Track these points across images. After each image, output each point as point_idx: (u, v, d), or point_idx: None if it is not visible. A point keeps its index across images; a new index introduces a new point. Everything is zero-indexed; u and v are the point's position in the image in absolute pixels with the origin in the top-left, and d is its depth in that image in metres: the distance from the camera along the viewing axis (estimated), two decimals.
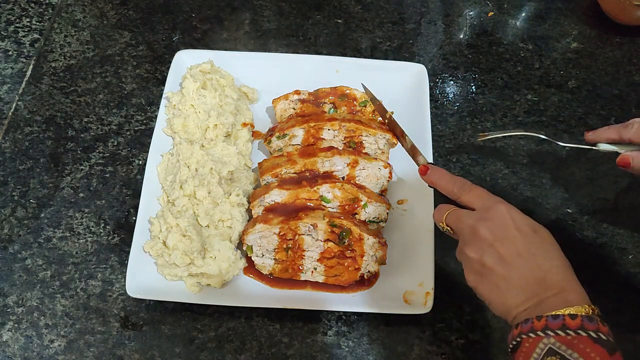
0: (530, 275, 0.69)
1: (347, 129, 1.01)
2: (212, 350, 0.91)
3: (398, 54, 1.21)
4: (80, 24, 1.23)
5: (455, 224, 0.78)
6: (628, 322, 0.94)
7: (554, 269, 0.70)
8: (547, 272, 0.69)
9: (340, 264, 0.92)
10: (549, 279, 0.69)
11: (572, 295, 0.67)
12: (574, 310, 0.65)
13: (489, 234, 0.72)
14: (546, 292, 0.68)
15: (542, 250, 0.71)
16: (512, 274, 0.70)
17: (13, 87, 1.15)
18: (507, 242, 0.71)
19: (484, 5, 1.28)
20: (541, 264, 0.70)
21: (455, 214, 0.78)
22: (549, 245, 0.71)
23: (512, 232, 0.71)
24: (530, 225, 0.73)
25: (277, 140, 1.02)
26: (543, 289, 0.69)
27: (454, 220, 0.78)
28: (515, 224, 0.72)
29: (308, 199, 0.95)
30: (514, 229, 0.72)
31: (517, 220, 0.72)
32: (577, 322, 0.64)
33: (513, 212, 0.73)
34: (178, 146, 1.01)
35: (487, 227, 0.73)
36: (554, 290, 0.68)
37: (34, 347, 0.91)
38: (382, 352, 0.91)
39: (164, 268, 0.92)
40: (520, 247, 0.71)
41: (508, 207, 0.74)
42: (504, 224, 0.72)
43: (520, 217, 0.73)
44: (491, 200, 0.76)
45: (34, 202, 1.03)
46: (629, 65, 1.20)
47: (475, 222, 0.74)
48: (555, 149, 1.09)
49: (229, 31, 1.24)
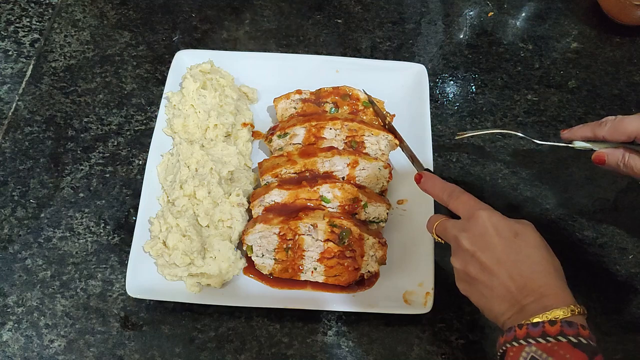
0: (511, 283, 0.70)
1: (350, 129, 1.01)
2: (212, 350, 0.91)
3: (398, 54, 1.21)
4: (80, 24, 1.23)
5: (443, 234, 0.80)
6: (628, 322, 0.94)
7: (535, 274, 0.70)
8: (528, 278, 0.70)
9: (340, 264, 0.92)
10: (530, 285, 0.69)
11: (551, 300, 0.68)
12: (552, 315, 0.66)
13: (470, 244, 0.73)
14: (526, 299, 0.69)
15: (523, 255, 0.71)
16: (495, 282, 0.71)
17: (13, 87, 1.15)
18: (487, 250, 0.72)
19: (484, 5, 1.28)
20: (522, 270, 0.70)
21: (442, 224, 0.80)
22: (531, 249, 0.71)
23: (493, 239, 0.72)
24: (512, 229, 0.73)
25: (278, 139, 1.02)
26: (524, 296, 0.69)
27: (441, 231, 0.80)
28: (496, 231, 0.72)
29: (308, 199, 0.95)
30: (494, 236, 0.72)
31: (498, 226, 0.73)
32: (557, 328, 0.64)
33: (494, 218, 0.73)
34: (178, 146, 1.01)
35: (467, 237, 0.74)
36: (533, 297, 0.69)
37: (34, 347, 0.91)
38: (382, 352, 0.91)
39: (164, 268, 0.92)
40: (501, 255, 0.71)
41: (489, 213, 0.74)
42: (485, 232, 0.73)
43: (501, 222, 0.73)
44: (474, 207, 0.76)
45: (34, 202, 1.03)
46: (629, 65, 1.20)
47: (458, 233, 0.75)
48: (555, 148, 1.09)
49: (229, 31, 1.23)
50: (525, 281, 0.69)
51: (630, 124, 0.81)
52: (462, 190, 0.80)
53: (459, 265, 0.75)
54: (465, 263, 0.74)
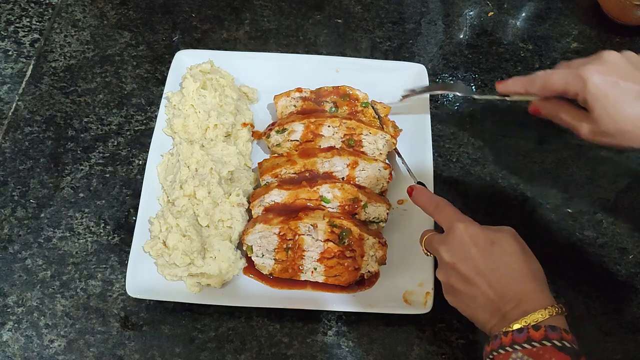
0: (491, 291, 0.72)
1: (348, 127, 1.01)
2: (212, 350, 0.91)
3: (398, 54, 1.21)
4: (80, 24, 1.23)
5: (429, 248, 0.82)
6: (628, 322, 0.94)
7: (512, 281, 0.71)
8: (506, 285, 0.71)
9: (340, 264, 0.92)
10: (508, 292, 0.71)
11: (529, 304, 0.69)
12: (531, 318, 0.67)
13: (450, 256, 0.76)
14: (506, 306, 0.71)
15: (500, 263, 0.73)
16: (476, 292, 0.73)
17: (13, 87, 1.15)
18: (466, 261, 0.74)
19: (484, 5, 1.28)
20: (500, 278, 0.72)
21: (428, 239, 0.82)
22: (507, 256, 0.73)
23: (471, 250, 0.74)
24: (488, 238, 0.74)
25: (276, 134, 1.02)
26: (504, 303, 0.71)
27: (427, 245, 0.83)
28: (473, 241, 0.74)
29: (308, 199, 0.95)
30: (472, 246, 0.74)
31: (474, 237, 0.74)
32: (541, 333, 0.66)
33: (470, 229, 0.75)
34: (178, 146, 1.01)
35: (447, 250, 0.76)
36: (513, 303, 0.70)
37: (34, 347, 0.91)
38: (382, 352, 0.91)
39: (164, 268, 0.92)
40: (479, 264, 0.73)
41: (466, 224, 0.76)
42: (462, 243, 0.75)
43: (478, 232, 0.75)
44: (452, 220, 0.78)
45: (34, 202, 1.03)
46: None
47: (438, 246, 0.78)
48: (555, 148, 1.09)
49: (229, 31, 1.24)
50: (503, 288, 0.71)
51: (557, 80, 0.80)
52: (448, 203, 0.82)
53: (442, 278, 0.78)
54: (447, 275, 0.77)
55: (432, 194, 0.86)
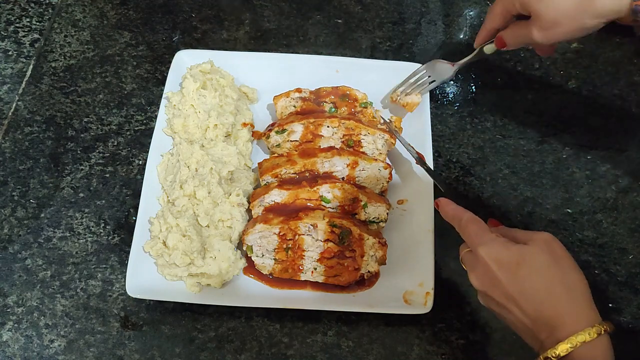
0: (525, 318, 0.69)
1: (347, 127, 1.01)
2: (212, 350, 0.91)
3: (398, 54, 1.21)
4: (80, 24, 1.23)
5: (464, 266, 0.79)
6: (628, 322, 0.94)
7: (544, 304, 0.68)
8: (538, 309, 0.68)
9: (340, 264, 0.92)
10: (541, 317, 0.68)
11: (563, 331, 0.66)
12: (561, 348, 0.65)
13: (479, 284, 0.74)
14: (541, 335, 0.68)
15: (528, 285, 0.69)
16: (512, 317, 0.71)
17: (13, 87, 1.15)
18: (495, 288, 0.72)
19: (484, 5, 1.28)
20: (531, 301, 0.69)
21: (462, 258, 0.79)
22: (534, 276, 0.69)
23: (497, 275, 0.71)
24: (514, 258, 0.71)
25: (275, 135, 1.02)
26: (538, 331, 0.69)
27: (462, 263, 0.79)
28: (498, 265, 0.71)
29: (308, 199, 0.95)
30: (497, 271, 0.71)
31: (498, 260, 0.71)
32: None
33: (493, 252, 0.72)
34: (178, 146, 1.01)
35: (475, 278, 0.74)
36: (547, 330, 0.68)
37: (34, 347, 0.91)
38: (382, 352, 0.91)
39: (164, 268, 0.92)
40: (508, 290, 0.70)
41: (488, 247, 0.73)
42: (487, 269, 0.72)
43: (501, 253, 0.72)
44: (474, 243, 0.75)
45: (34, 202, 1.03)
46: (629, 65, 1.20)
47: (468, 273, 0.76)
48: (555, 148, 1.09)
49: (229, 31, 1.24)
50: (536, 314, 0.68)
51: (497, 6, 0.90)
52: (471, 219, 0.79)
53: (483, 303, 0.76)
54: (485, 301, 0.75)
55: (457, 208, 0.82)
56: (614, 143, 1.10)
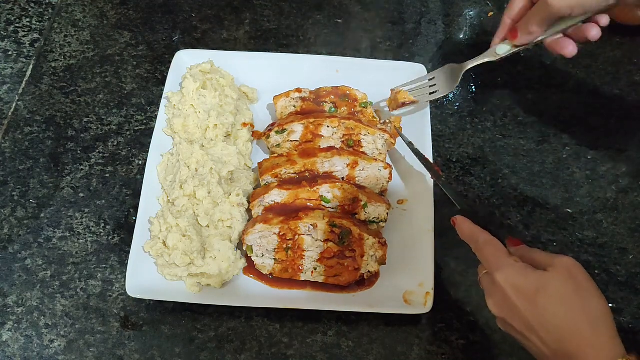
0: (545, 348, 0.68)
1: (347, 127, 1.01)
2: (212, 350, 0.91)
3: (398, 54, 1.21)
4: (80, 24, 1.23)
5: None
6: (628, 322, 0.94)
7: (565, 335, 0.66)
8: (559, 340, 0.66)
9: (340, 264, 0.92)
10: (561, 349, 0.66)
11: None
12: None
13: (498, 311, 0.72)
14: None
15: (548, 315, 0.67)
16: (532, 346, 0.70)
17: (13, 87, 1.15)
18: (514, 316, 0.70)
19: (484, 5, 1.28)
20: (551, 332, 0.67)
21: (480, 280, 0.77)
22: (555, 305, 0.67)
23: (515, 303, 0.69)
24: (533, 285, 0.68)
25: (275, 135, 1.02)
26: None
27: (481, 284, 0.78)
28: (516, 293, 0.69)
29: (308, 199, 0.95)
30: (515, 299, 0.69)
31: (516, 287, 0.69)
32: None
33: (511, 278, 0.70)
34: (178, 146, 1.01)
35: (493, 305, 0.73)
36: None
37: (34, 347, 0.91)
38: (382, 352, 0.91)
39: (164, 268, 0.92)
40: (527, 320, 0.68)
41: (506, 273, 0.71)
42: (505, 297, 0.70)
43: (519, 280, 0.69)
44: (491, 268, 0.73)
45: (34, 202, 1.03)
46: (629, 65, 1.20)
47: (486, 298, 0.74)
48: (555, 148, 1.09)
49: (229, 31, 1.24)
50: (556, 345, 0.66)
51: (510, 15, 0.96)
52: (488, 240, 0.77)
53: (502, 327, 0.74)
54: (505, 327, 0.73)
55: (474, 228, 0.79)
56: (614, 143, 1.10)
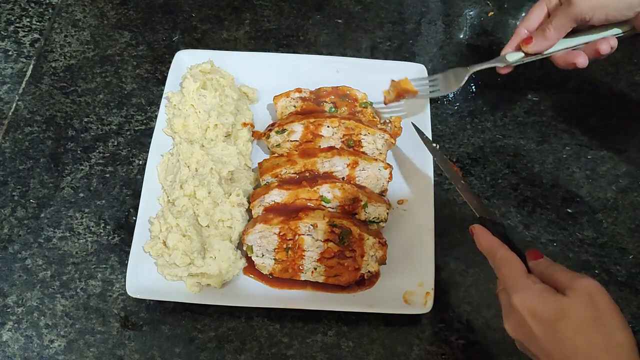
0: None
1: (347, 127, 1.01)
2: (212, 350, 0.91)
3: (398, 54, 1.21)
4: (80, 24, 1.23)
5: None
6: (628, 322, 0.94)
7: None
8: None
9: (340, 264, 0.92)
10: None
11: None
12: None
13: (515, 334, 0.70)
14: None
15: (568, 345, 0.64)
16: None
17: (13, 87, 1.15)
18: (531, 342, 0.67)
19: (484, 5, 1.28)
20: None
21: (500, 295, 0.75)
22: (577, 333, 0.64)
23: (533, 328, 0.66)
24: (552, 311, 0.66)
25: (275, 135, 1.02)
26: None
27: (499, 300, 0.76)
28: (534, 318, 0.66)
29: (308, 199, 0.95)
30: (533, 324, 0.66)
31: (534, 312, 0.67)
32: None
33: (529, 302, 0.67)
34: (178, 146, 1.01)
35: (510, 328, 0.70)
36: None
37: (34, 347, 0.91)
38: (382, 352, 0.91)
39: (164, 268, 0.92)
40: (546, 347, 0.65)
41: (523, 298, 0.68)
42: (522, 321, 0.67)
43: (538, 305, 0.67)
44: (509, 289, 0.70)
45: (34, 202, 1.03)
46: (629, 65, 1.20)
47: (503, 319, 0.72)
48: (555, 148, 1.09)
49: (229, 31, 1.24)
50: None
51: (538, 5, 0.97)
52: (504, 257, 0.74)
53: (519, 349, 0.72)
54: (523, 348, 0.71)
55: (492, 240, 0.76)
56: (614, 143, 1.10)
